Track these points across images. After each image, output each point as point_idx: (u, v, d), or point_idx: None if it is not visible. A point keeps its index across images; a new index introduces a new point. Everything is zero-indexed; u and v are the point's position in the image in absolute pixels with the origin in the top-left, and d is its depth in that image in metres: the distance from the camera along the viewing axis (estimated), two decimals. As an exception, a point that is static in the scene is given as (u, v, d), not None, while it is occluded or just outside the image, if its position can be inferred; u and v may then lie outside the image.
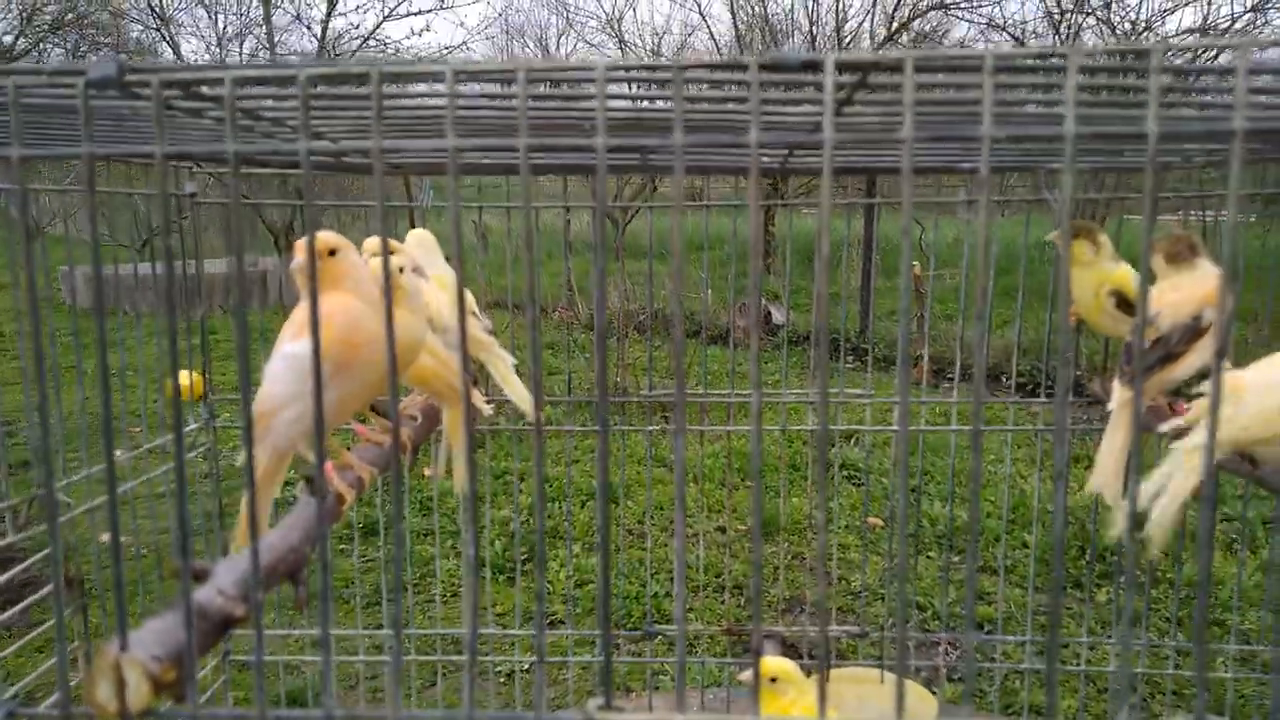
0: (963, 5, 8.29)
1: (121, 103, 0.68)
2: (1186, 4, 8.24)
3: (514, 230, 2.72)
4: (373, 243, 1.19)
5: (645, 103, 0.96)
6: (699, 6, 12.01)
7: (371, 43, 9.96)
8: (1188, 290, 1.34)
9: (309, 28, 10.20)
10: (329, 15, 9.44)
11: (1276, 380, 1.12)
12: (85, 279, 7.15)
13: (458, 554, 3.43)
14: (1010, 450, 3.25)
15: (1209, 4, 7.71)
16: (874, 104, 0.67)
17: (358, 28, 10.24)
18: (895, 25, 8.36)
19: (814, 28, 8.85)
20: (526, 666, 2.61)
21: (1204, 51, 5.86)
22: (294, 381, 0.95)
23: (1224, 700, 2.48)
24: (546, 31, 14.98)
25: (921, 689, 1.78)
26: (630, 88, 0.92)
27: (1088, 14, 8.13)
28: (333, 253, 0.99)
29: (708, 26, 11.04)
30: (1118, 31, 8.03)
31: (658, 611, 2.90)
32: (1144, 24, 8.05)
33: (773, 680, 1.30)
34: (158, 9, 9.42)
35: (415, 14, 12.33)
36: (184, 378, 1.86)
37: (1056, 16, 8.19)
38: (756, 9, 9.22)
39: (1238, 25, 7.59)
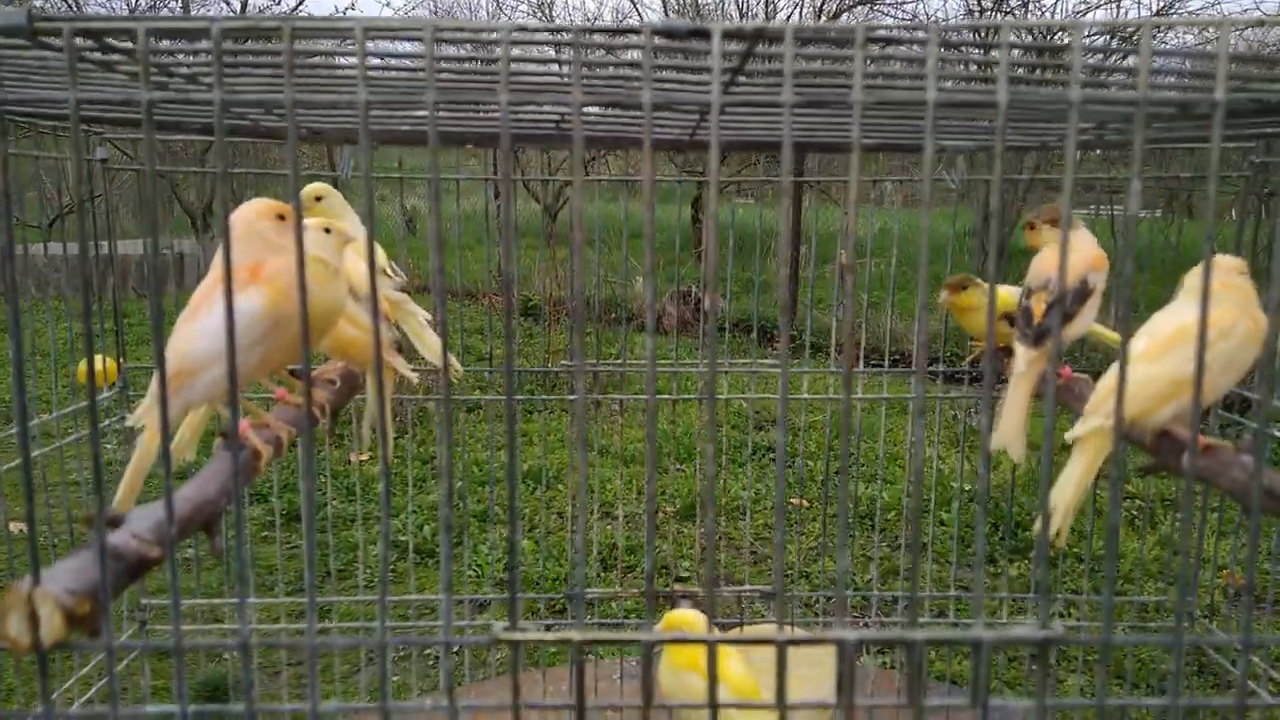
0: (887, 1, 8.49)
1: (31, 53, 0.67)
2: (1099, 6, 8.59)
3: (445, 213, 2.71)
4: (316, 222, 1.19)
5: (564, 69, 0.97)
6: (630, -7, 11.97)
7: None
8: (1075, 256, 1.45)
9: (227, -3, 9.86)
10: (249, -17, 9.13)
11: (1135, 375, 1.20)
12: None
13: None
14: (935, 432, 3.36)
15: (1119, 7, 8.05)
16: (768, 76, 0.71)
17: (280, 2, 9.91)
18: (822, 19, 8.51)
19: (744, 18, 8.95)
20: (456, 648, 2.61)
21: (1117, 35, 6.12)
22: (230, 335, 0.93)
23: (1124, 665, 2.64)
24: (476, 15, 14.74)
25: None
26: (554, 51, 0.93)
27: (1006, 13, 8.41)
28: (282, 217, 1.03)
29: (639, 13, 11.04)
30: (1034, 31, 8.34)
31: (585, 591, 2.94)
32: (1059, 25, 8.39)
33: None
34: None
35: (340, -12, 11.98)
36: (96, 362, 1.81)
37: (977, 14, 8.46)
38: (687, -2, 9.28)
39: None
